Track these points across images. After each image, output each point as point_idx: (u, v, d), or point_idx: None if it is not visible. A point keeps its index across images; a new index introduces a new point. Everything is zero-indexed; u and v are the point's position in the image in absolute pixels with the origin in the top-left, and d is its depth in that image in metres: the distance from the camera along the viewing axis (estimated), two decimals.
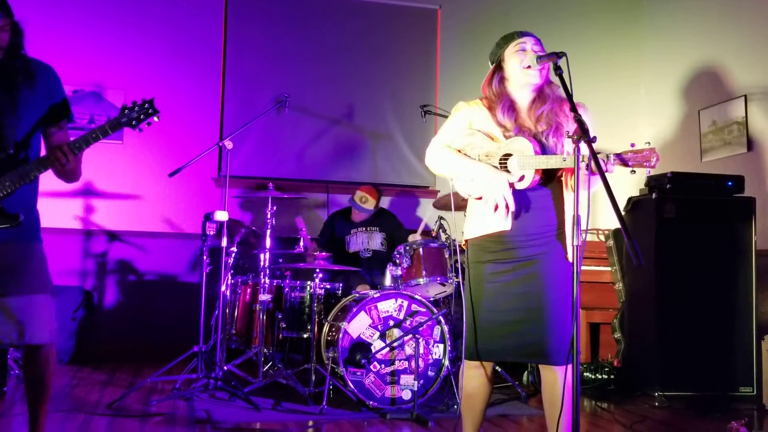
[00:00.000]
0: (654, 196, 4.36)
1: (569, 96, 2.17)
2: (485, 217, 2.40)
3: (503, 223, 2.36)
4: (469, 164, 2.39)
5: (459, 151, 2.44)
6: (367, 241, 4.87)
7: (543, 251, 2.39)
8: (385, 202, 5.43)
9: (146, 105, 2.39)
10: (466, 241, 2.52)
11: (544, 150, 2.34)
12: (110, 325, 5.24)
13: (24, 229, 2.31)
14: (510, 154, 2.34)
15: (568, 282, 2.35)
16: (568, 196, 2.39)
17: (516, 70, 2.40)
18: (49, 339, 2.36)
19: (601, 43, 6.17)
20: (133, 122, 2.38)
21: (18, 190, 2.28)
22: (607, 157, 2.19)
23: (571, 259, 2.39)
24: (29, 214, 2.36)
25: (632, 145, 2.23)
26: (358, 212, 4.92)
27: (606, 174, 2.10)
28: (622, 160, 2.20)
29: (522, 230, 2.38)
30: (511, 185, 2.33)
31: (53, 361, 2.42)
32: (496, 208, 2.32)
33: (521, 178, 2.32)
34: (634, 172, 2.24)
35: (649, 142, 2.23)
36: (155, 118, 2.40)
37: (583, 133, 2.07)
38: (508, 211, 2.32)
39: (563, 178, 2.41)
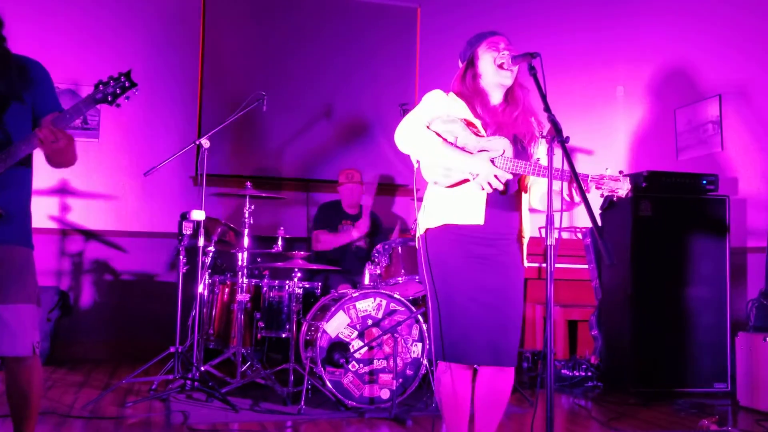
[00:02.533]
0: (629, 194, 4.39)
1: (543, 96, 2.18)
2: (455, 207, 2.34)
3: (476, 217, 2.32)
4: (454, 153, 2.29)
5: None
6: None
7: (508, 252, 2.39)
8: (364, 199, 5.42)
9: (122, 78, 2.20)
10: (427, 229, 2.38)
11: (518, 154, 2.34)
12: (86, 326, 5.19)
13: (13, 232, 2.21)
14: (484, 150, 2.32)
15: (521, 286, 2.43)
16: (525, 199, 2.46)
17: (490, 68, 2.39)
18: (29, 351, 2.20)
19: (578, 43, 6.21)
20: (109, 98, 2.19)
21: (8, 189, 2.18)
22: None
23: (526, 264, 2.46)
24: (19, 215, 2.24)
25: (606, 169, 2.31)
26: (347, 194, 4.89)
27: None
28: (596, 183, 2.25)
29: (492, 228, 2.35)
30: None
31: (38, 376, 2.26)
32: (482, 188, 2.29)
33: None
34: (603, 196, 2.29)
35: (622, 171, 2.30)
36: (135, 92, 2.24)
37: (557, 133, 2.09)
38: (501, 187, 2.28)
39: (525, 181, 2.46)
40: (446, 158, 2.30)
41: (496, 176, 2.26)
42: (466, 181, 2.32)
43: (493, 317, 2.33)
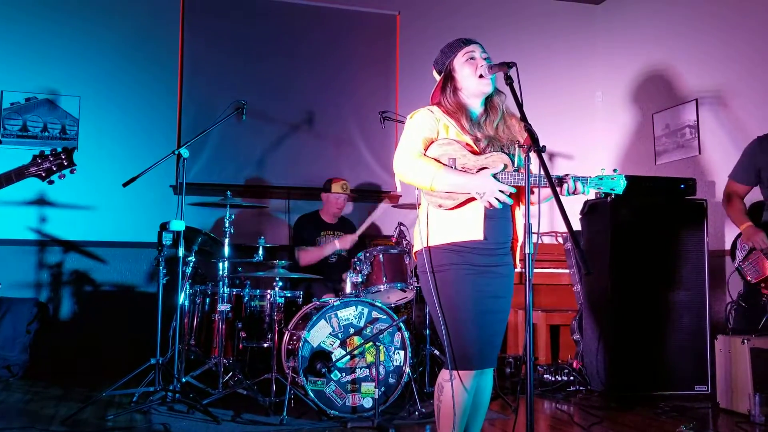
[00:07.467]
0: (609, 199, 4.43)
1: (519, 106, 2.19)
2: (455, 226, 2.35)
3: (476, 233, 2.34)
4: (457, 179, 2.29)
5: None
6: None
7: (505, 260, 2.43)
8: (346, 207, 5.41)
9: (62, 156, 2.21)
10: (428, 247, 2.37)
11: (513, 163, 2.37)
12: (66, 338, 5.13)
13: None
14: (485, 168, 2.34)
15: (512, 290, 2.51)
16: (518, 209, 2.46)
17: (469, 79, 2.40)
18: None
19: (557, 49, 6.26)
20: (43, 173, 2.18)
21: None
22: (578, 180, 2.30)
23: (518, 268, 2.47)
24: None
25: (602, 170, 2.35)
26: (335, 202, 4.85)
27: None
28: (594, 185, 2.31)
29: (492, 239, 2.37)
30: None
31: None
32: (489, 205, 2.31)
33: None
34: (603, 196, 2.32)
35: (616, 169, 2.32)
36: (69, 172, 2.22)
37: (533, 142, 2.10)
38: (509, 201, 2.30)
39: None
40: (450, 185, 2.29)
41: (502, 192, 2.27)
42: (469, 201, 2.33)
43: (494, 322, 2.40)
